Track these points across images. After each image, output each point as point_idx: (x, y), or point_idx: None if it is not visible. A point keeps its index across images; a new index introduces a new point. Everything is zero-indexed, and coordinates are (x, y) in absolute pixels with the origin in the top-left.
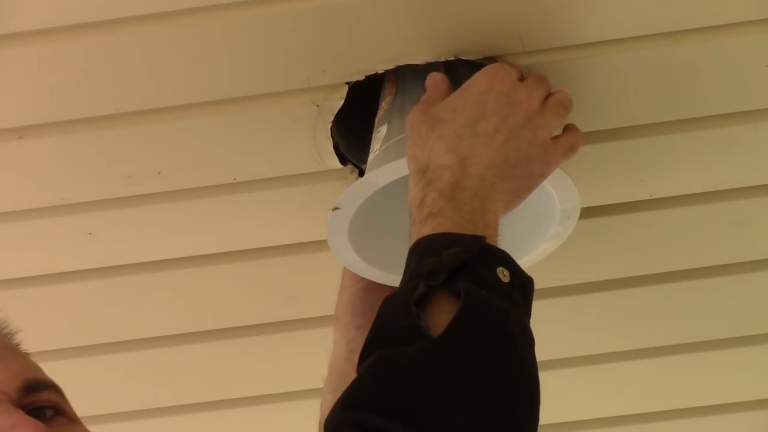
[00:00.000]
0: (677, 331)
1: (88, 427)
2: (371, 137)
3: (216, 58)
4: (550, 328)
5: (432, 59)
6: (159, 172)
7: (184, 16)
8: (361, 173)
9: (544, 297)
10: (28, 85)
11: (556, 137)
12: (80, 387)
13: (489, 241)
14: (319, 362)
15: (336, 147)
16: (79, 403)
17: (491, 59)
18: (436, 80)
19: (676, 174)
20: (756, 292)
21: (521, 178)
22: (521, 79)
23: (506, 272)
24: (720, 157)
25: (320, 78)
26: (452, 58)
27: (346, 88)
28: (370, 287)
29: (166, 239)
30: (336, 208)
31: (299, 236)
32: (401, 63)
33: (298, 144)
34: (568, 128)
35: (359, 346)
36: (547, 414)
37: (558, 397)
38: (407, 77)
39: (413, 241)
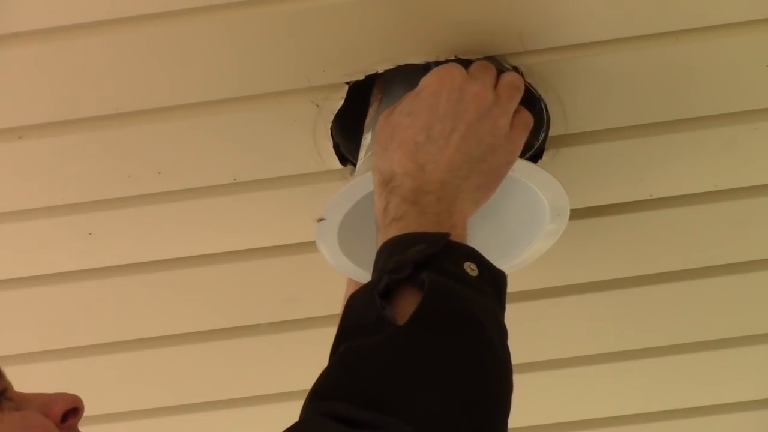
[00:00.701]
0: (677, 331)
1: (89, 427)
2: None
3: (216, 58)
4: (550, 328)
5: (432, 59)
6: (159, 172)
7: (184, 16)
8: None
9: (544, 297)
10: (28, 85)
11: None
12: (80, 387)
13: (459, 238)
14: (319, 362)
15: (336, 147)
16: None
17: (491, 59)
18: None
19: (676, 174)
20: (756, 292)
21: (487, 172)
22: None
23: (474, 266)
24: (720, 157)
25: (320, 78)
26: (452, 58)
27: (346, 88)
28: None
29: (166, 239)
30: (321, 219)
31: (299, 236)
32: (401, 63)
33: (298, 144)
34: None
35: None
36: (547, 414)
37: (558, 397)
38: (393, 83)
39: (379, 245)
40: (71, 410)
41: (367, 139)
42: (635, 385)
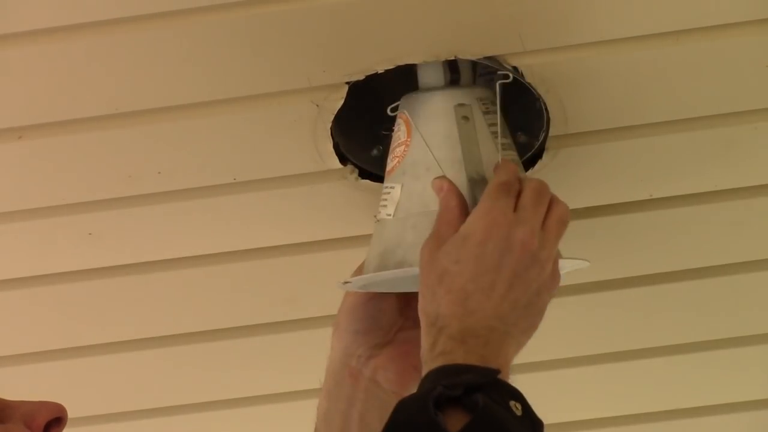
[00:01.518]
0: (677, 331)
1: (89, 428)
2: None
3: (216, 58)
4: (550, 328)
5: (432, 59)
6: (159, 172)
7: (184, 17)
8: (361, 173)
9: None
10: (28, 85)
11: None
12: (80, 387)
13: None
14: (318, 362)
15: (336, 147)
16: (79, 403)
17: (491, 59)
18: (449, 207)
19: (676, 174)
20: (756, 292)
21: (534, 315)
22: (520, 192)
23: (518, 406)
24: (720, 157)
25: (320, 78)
26: (452, 58)
27: (346, 88)
28: (373, 295)
29: (166, 239)
30: (347, 282)
31: (299, 236)
32: (401, 63)
33: (298, 144)
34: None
35: (356, 351)
36: (547, 414)
37: (558, 397)
38: (420, 126)
39: (423, 375)
40: (54, 420)
41: (394, 192)
42: (635, 385)
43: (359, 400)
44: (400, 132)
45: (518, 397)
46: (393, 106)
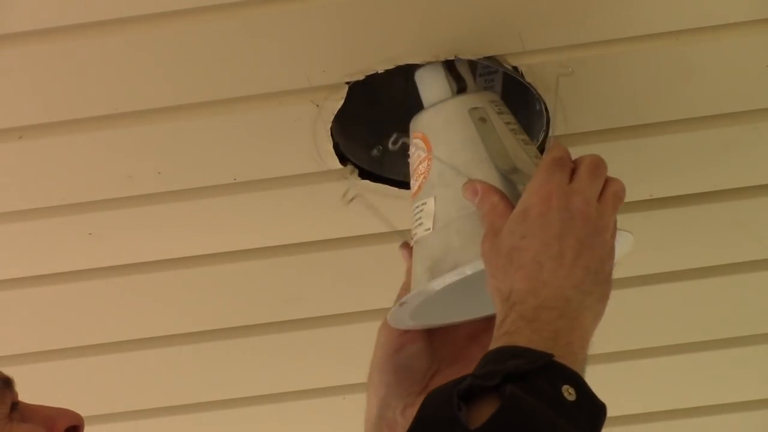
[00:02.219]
0: (677, 331)
1: (89, 428)
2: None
3: (216, 58)
4: None
5: (431, 59)
6: (159, 172)
7: (184, 17)
8: (361, 172)
9: None
10: (28, 85)
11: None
12: (80, 387)
13: (570, 358)
14: (318, 362)
15: (336, 147)
16: (79, 403)
17: (491, 59)
18: (493, 203)
19: (676, 174)
20: (756, 292)
21: (603, 282)
22: (573, 169)
23: (572, 391)
24: (720, 157)
25: (320, 78)
26: (452, 58)
27: (346, 88)
28: (402, 344)
29: (166, 239)
30: (403, 303)
31: (299, 236)
32: (401, 63)
33: (298, 144)
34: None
35: (391, 402)
36: None
37: None
38: (438, 137)
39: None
40: (72, 427)
41: (428, 205)
42: (636, 384)
43: None
44: (418, 151)
45: (574, 380)
46: (393, 138)
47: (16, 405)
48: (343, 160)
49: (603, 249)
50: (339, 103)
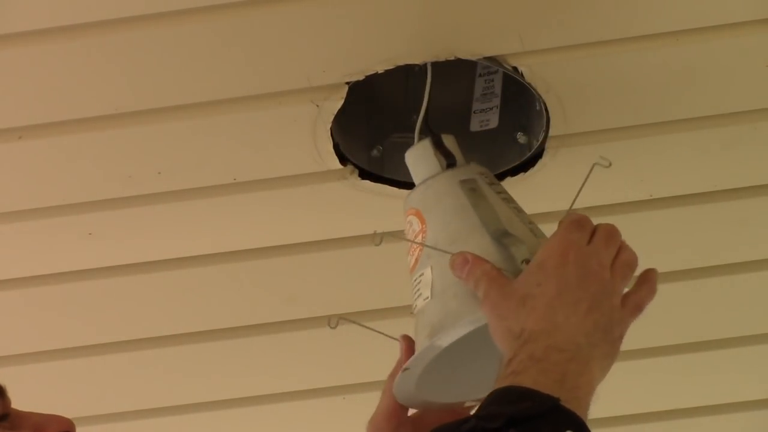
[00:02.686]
0: (677, 331)
1: (89, 428)
2: (372, 141)
3: (216, 58)
4: None
5: (431, 59)
6: (159, 172)
7: (184, 17)
8: (361, 173)
9: None
10: (28, 85)
11: (624, 297)
12: (80, 387)
13: (574, 402)
14: (318, 362)
15: (336, 147)
16: (79, 404)
17: (491, 59)
18: (485, 270)
19: (676, 174)
20: (756, 292)
21: (610, 342)
22: (593, 232)
23: None
24: (720, 157)
25: (320, 78)
26: (452, 58)
27: (346, 88)
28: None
29: (166, 239)
30: (406, 369)
31: (299, 236)
32: (401, 63)
33: (298, 144)
34: (633, 287)
35: None
36: None
37: None
38: (431, 210)
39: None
40: None
41: (425, 276)
42: (635, 385)
43: None
44: (413, 225)
45: (579, 426)
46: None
47: (6, 416)
48: (343, 160)
49: (612, 312)
50: (339, 103)
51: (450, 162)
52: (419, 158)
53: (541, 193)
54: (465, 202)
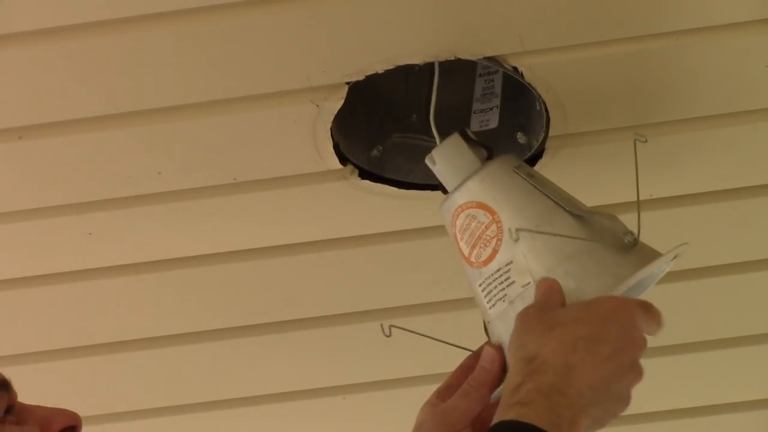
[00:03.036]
0: (677, 331)
1: (89, 428)
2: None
3: (216, 58)
4: None
5: (431, 59)
6: (159, 172)
7: (184, 17)
8: (361, 173)
9: None
10: (28, 85)
11: None
12: (80, 387)
13: None
14: (318, 362)
15: (336, 147)
16: (79, 403)
17: (491, 59)
18: (550, 285)
19: (676, 174)
20: (756, 292)
21: (607, 412)
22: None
23: None
24: (720, 157)
25: (320, 78)
26: (452, 58)
27: (346, 88)
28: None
29: (166, 239)
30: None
31: (299, 236)
32: (401, 63)
33: (298, 144)
34: None
35: None
36: None
37: None
38: (498, 200)
39: (494, 422)
40: (69, 428)
41: (510, 272)
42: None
43: None
44: (477, 218)
45: None
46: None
47: (11, 408)
48: (343, 160)
49: (627, 387)
50: (339, 103)
51: (489, 153)
52: (454, 154)
53: None
54: (529, 186)
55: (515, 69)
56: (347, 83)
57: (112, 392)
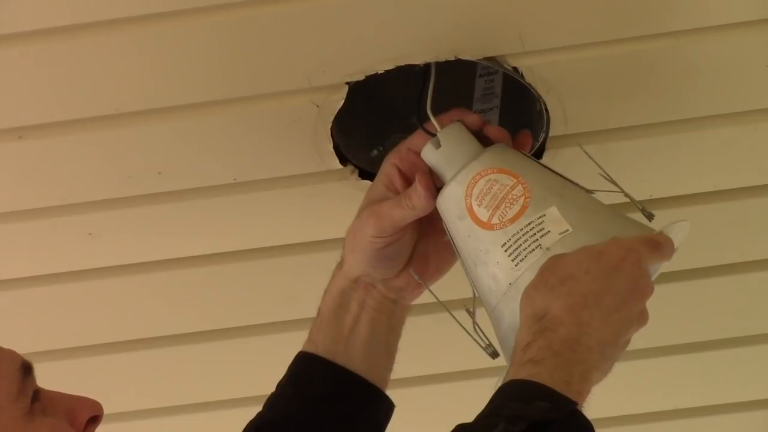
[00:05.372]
0: (677, 331)
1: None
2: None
3: (216, 58)
4: None
5: (431, 59)
6: (159, 172)
7: (184, 17)
8: (361, 173)
9: None
10: (28, 85)
11: None
12: (80, 387)
13: (579, 407)
14: None
15: (336, 147)
16: None
17: (491, 59)
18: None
19: (676, 174)
20: (756, 292)
21: (615, 359)
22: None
23: None
24: (720, 157)
25: (320, 78)
26: (452, 58)
27: (346, 88)
28: (390, 242)
29: (166, 239)
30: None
31: (299, 236)
32: (401, 63)
33: (298, 144)
34: None
35: (372, 276)
36: None
37: None
38: (518, 167)
39: (507, 380)
40: (92, 417)
41: (543, 223)
42: (635, 385)
43: (370, 308)
44: (500, 182)
45: (589, 431)
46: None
47: (37, 394)
48: (343, 160)
49: (633, 332)
50: (339, 103)
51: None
52: (460, 138)
53: None
54: (537, 164)
55: (515, 69)
56: (347, 83)
57: (112, 392)
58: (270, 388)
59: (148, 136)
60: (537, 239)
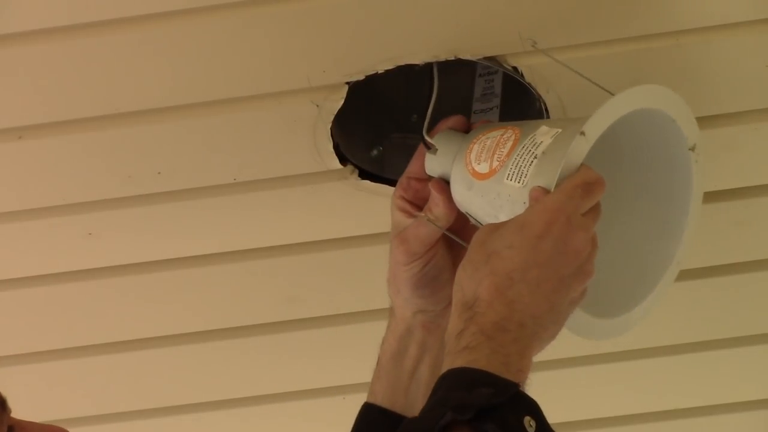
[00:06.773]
0: (677, 331)
1: (88, 428)
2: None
3: (216, 58)
4: None
5: (431, 59)
6: (159, 172)
7: (184, 16)
8: (361, 173)
9: None
10: (28, 85)
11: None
12: (79, 387)
13: (521, 387)
14: (318, 362)
15: (336, 147)
16: (78, 404)
17: (491, 59)
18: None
19: None
20: (756, 292)
21: (561, 322)
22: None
23: (533, 422)
24: (720, 157)
25: (320, 78)
26: (452, 58)
27: (346, 88)
28: (426, 263)
29: (166, 239)
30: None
31: (299, 236)
32: (401, 63)
33: (298, 144)
34: None
35: (427, 308)
36: (547, 414)
37: (558, 397)
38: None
39: (444, 370)
40: None
41: (541, 136)
42: (635, 385)
43: (433, 348)
44: (491, 137)
45: (534, 411)
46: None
47: (12, 429)
48: (343, 160)
49: (576, 291)
50: (339, 103)
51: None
52: (450, 136)
53: None
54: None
55: (515, 69)
56: (347, 83)
57: (112, 392)
58: (270, 387)
59: (148, 136)
60: (532, 152)
